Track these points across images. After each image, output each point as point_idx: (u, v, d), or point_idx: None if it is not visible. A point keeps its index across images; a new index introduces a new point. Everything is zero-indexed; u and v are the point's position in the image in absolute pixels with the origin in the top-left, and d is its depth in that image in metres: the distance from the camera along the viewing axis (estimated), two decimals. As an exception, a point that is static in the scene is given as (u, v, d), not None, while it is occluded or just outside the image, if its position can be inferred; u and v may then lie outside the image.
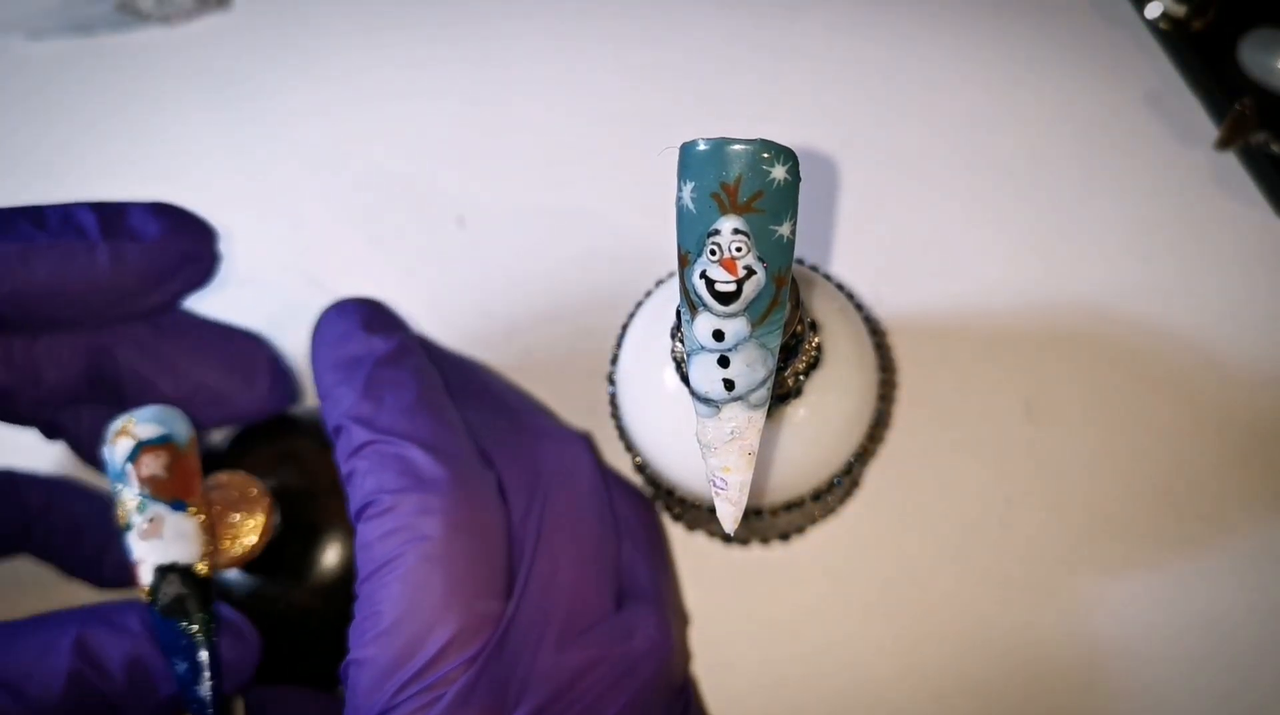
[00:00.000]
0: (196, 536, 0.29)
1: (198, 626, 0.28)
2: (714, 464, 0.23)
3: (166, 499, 0.28)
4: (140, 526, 0.28)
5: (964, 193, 0.39)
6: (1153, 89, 0.40)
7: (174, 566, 0.28)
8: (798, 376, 0.26)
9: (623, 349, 0.31)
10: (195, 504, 0.29)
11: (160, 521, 0.28)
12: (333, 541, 0.32)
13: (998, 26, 0.41)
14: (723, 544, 0.36)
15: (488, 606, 0.27)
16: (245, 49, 0.44)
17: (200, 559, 0.29)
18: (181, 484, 0.29)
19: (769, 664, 0.35)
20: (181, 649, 0.28)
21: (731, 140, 0.20)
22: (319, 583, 0.32)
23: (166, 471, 0.29)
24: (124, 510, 0.28)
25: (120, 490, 0.28)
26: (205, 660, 0.28)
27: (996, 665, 0.34)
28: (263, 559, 0.30)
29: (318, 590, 0.32)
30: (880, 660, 0.34)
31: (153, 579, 0.28)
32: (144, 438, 0.29)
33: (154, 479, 0.28)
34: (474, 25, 0.43)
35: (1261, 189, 0.38)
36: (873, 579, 0.35)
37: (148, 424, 0.29)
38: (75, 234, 0.30)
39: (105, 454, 0.29)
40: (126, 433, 0.28)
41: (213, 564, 0.29)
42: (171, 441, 0.29)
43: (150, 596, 0.28)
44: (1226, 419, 0.36)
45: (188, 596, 0.28)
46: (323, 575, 0.32)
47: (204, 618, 0.28)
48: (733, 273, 0.21)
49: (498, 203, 0.40)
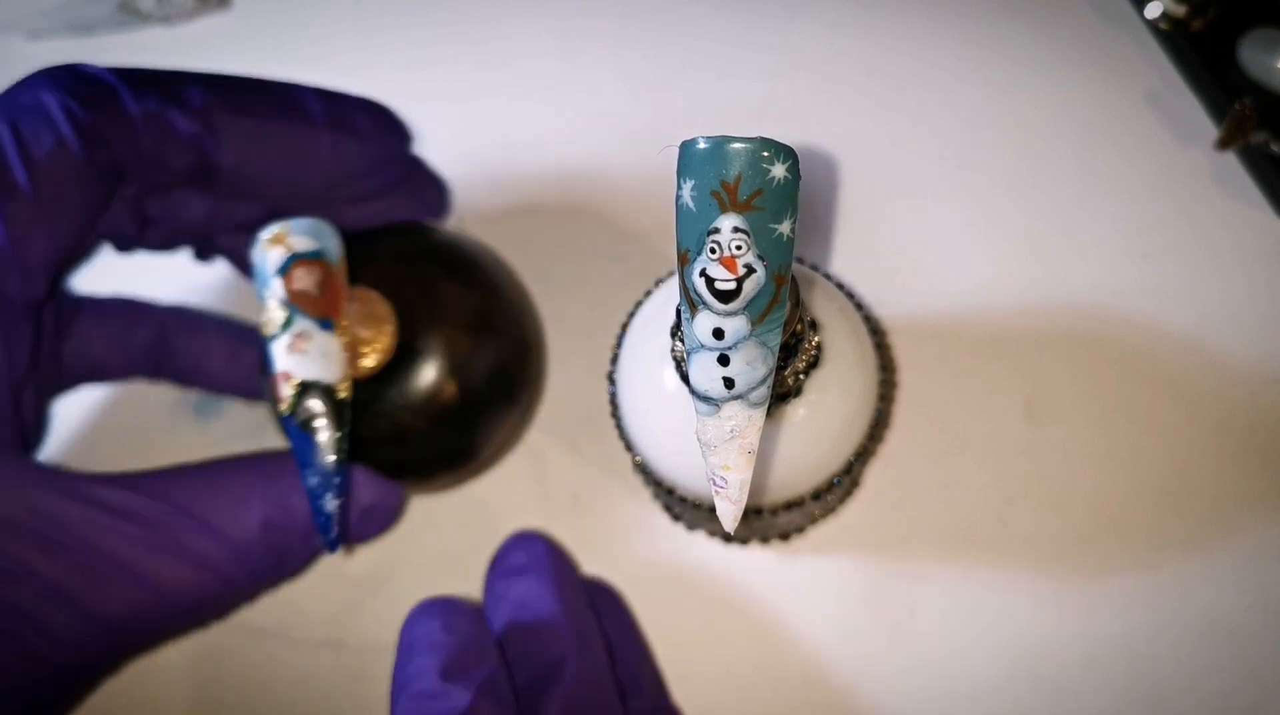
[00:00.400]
0: (339, 357, 0.29)
1: (333, 442, 0.28)
2: (714, 463, 0.23)
3: (315, 316, 0.28)
4: (288, 340, 0.28)
5: (964, 192, 0.39)
6: (1153, 89, 0.40)
7: (317, 384, 0.28)
8: (798, 375, 0.26)
9: (623, 348, 0.31)
10: (341, 325, 0.29)
11: (308, 338, 0.28)
12: (433, 363, 0.32)
13: (997, 26, 0.41)
14: (723, 544, 0.36)
15: None
16: (245, 49, 0.44)
17: (342, 380, 0.29)
18: (330, 303, 0.29)
19: (769, 664, 0.35)
20: (314, 463, 0.28)
21: (731, 138, 0.20)
22: (419, 402, 0.32)
23: (318, 288, 0.28)
24: (271, 321, 0.28)
25: (268, 299, 0.28)
26: (335, 476, 0.28)
27: (996, 665, 0.34)
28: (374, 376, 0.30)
29: (418, 410, 0.32)
30: (880, 660, 0.34)
31: (294, 393, 0.28)
32: (299, 251, 0.28)
33: (305, 294, 0.28)
34: (473, 25, 0.43)
35: (1261, 189, 0.38)
36: (873, 578, 0.35)
37: (303, 236, 0.28)
38: (303, 119, 0.30)
39: (255, 259, 0.28)
40: (281, 242, 0.28)
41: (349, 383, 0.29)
42: (324, 258, 0.29)
43: (289, 410, 0.28)
44: (1226, 419, 0.36)
45: (326, 414, 0.28)
46: (423, 395, 0.32)
47: (339, 436, 0.28)
48: (732, 271, 0.21)
49: (497, 202, 0.40)
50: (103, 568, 0.27)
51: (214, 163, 0.30)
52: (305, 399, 0.28)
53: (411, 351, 0.31)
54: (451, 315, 0.32)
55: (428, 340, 0.32)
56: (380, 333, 0.30)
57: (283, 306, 0.28)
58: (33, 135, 0.27)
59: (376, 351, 0.30)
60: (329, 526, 0.28)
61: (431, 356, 0.32)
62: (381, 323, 0.30)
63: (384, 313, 0.30)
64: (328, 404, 0.28)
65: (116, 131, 0.28)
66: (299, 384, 0.28)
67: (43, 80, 0.28)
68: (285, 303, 0.28)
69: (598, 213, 0.40)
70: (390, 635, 0.35)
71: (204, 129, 0.29)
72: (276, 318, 0.28)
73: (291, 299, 0.28)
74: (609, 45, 0.42)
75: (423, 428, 0.32)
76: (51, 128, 0.27)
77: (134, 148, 0.28)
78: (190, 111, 0.29)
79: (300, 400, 0.28)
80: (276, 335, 0.28)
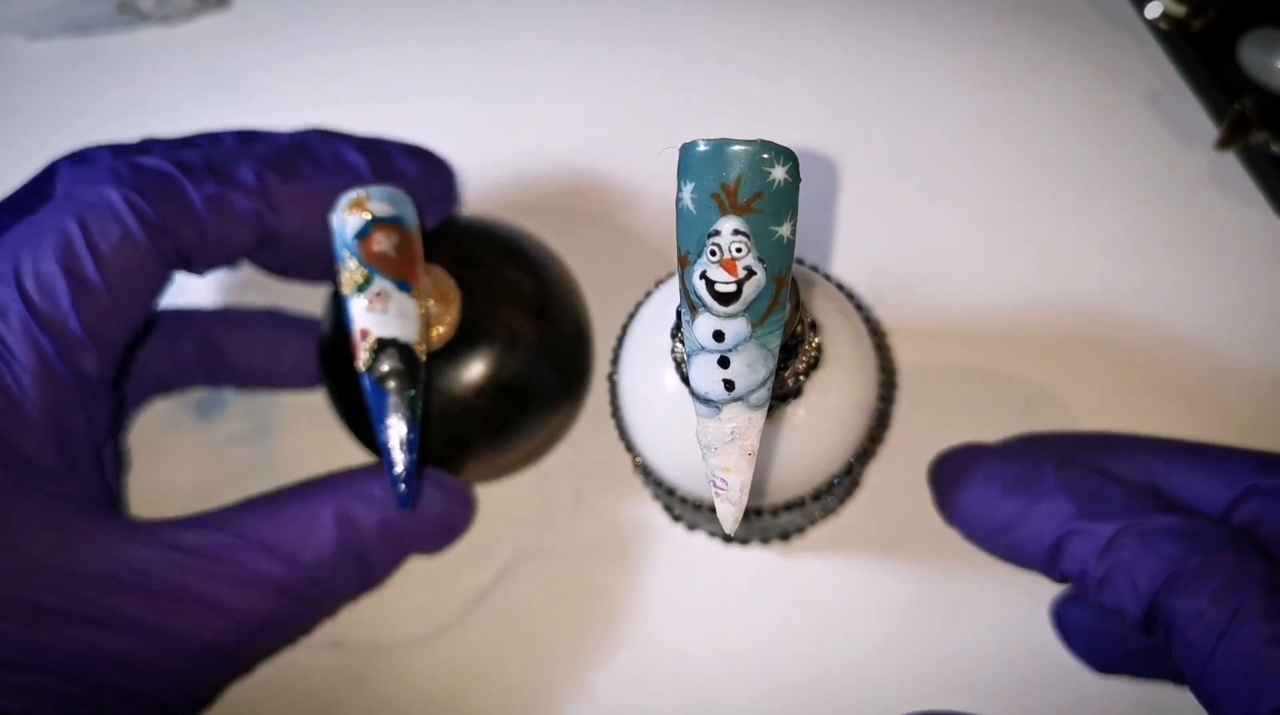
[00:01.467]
0: (416, 317, 0.30)
1: (407, 400, 0.29)
2: (714, 464, 0.23)
3: (393, 277, 0.29)
4: (367, 298, 0.29)
5: (964, 193, 0.39)
6: (1153, 89, 0.40)
7: (395, 342, 0.29)
8: (798, 377, 0.26)
9: (623, 349, 0.31)
10: (417, 288, 0.30)
11: (387, 297, 0.29)
12: (495, 342, 0.32)
13: (998, 26, 0.41)
14: (723, 544, 0.36)
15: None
16: (245, 49, 0.44)
17: (419, 340, 0.30)
18: (407, 266, 0.30)
19: (769, 664, 0.35)
20: (388, 419, 0.29)
21: (732, 141, 0.20)
22: (481, 380, 0.32)
23: (396, 252, 0.29)
24: (350, 279, 0.29)
25: (348, 259, 0.29)
26: (407, 434, 0.29)
27: (997, 665, 0.34)
28: (436, 352, 0.31)
29: (480, 388, 0.32)
30: (880, 660, 0.34)
31: (372, 350, 0.29)
32: (379, 215, 0.29)
33: (383, 257, 0.29)
34: (473, 25, 0.43)
35: (1261, 189, 0.38)
36: (873, 579, 0.35)
37: (382, 202, 0.29)
38: (351, 175, 0.32)
39: (335, 223, 0.29)
40: (361, 207, 0.29)
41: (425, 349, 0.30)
42: (402, 223, 0.30)
43: (367, 366, 0.29)
44: (1226, 419, 0.36)
45: (403, 372, 0.29)
46: (485, 372, 0.32)
47: (414, 394, 0.29)
48: (733, 273, 0.21)
49: (497, 201, 0.40)
50: (190, 605, 0.29)
51: (275, 233, 0.31)
52: (382, 356, 0.29)
53: (475, 329, 0.32)
54: (512, 298, 0.33)
55: (489, 321, 0.32)
56: (449, 306, 0.31)
57: (363, 267, 0.29)
58: (100, 229, 0.29)
59: (445, 323, 0.31)
60: (399, 483, 0.29)
61: (492, 336, 0.32)
62: (449, 297, 0.31)
63: (451, 288, 0.31)
64: (404, 361, 0.29)
65: (181, 219, 0.30)
66: (376, 341, 0.29)
67: (104, 175, 0.29)
68: (366, 265, 0.29)
69: (598, 213, 0.40)
70: (390, 635, 0.35)
71: (262, 204, 0.31)
72: (356, 276, 0.29)
73: (369, 260, 0.29)
74: (609, 46, 0.42)
75: (481, 406, 0.32)
76: (118, 221, 0.29)
77: (199, 233, 0.30)
78: (248, 190, 0.30)
79: (377, 357, 0.29)
80: (356, 294, 0.29)
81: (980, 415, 0.36)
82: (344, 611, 0.36)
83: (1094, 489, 0.29)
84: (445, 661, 0.36)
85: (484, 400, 0.32)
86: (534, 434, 0.35)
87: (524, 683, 0.35)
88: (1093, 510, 0.28)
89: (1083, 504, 0.29)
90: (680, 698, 0.35)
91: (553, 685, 0.35)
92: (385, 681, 0.36)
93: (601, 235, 0.40)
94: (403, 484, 0.29)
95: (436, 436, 0.32)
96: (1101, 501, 0.29)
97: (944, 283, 0.38)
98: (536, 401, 0.34)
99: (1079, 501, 0.29)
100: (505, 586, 0.36)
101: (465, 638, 0.36)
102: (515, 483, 0.37)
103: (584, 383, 0.37)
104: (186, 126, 0.33)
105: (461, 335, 0.32)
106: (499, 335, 0.32)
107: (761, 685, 0.35)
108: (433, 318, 0.31)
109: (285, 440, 0.38)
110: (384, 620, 0.36)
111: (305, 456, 0.38)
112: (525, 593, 0.36)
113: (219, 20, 0.44)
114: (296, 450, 0.38)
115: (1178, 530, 0.27)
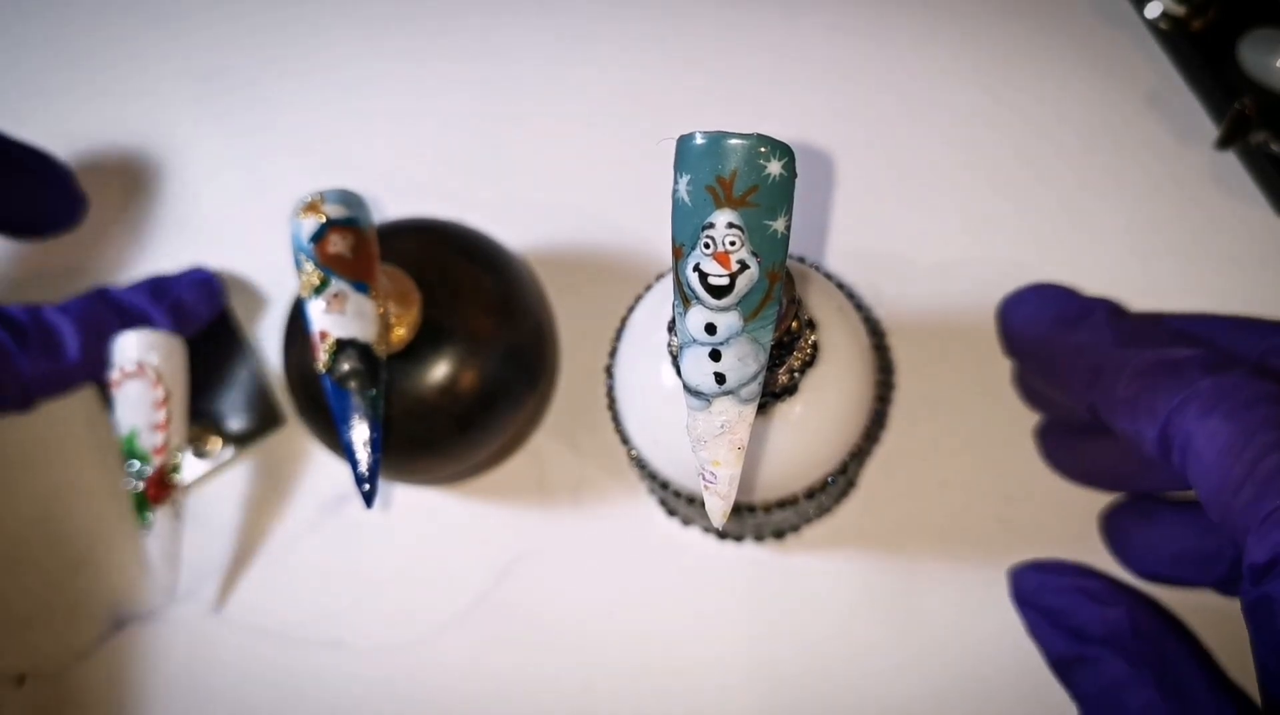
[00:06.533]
0: (374, 318, 0.30)
1: (368, 399, 0.29)
2: (704, 457, 0.23)
3: (350, 278, 0.29)
4: (325, 299, 0.29)
5: (963, 192, 0.39)
6: (1153, 89, 0.40)
7: (354, 343, 0.29)
8: (793, 373, 0.26)
9: (621, 342, 0.31)
10: (374, 289, 0.30)
11: (344, 298, 0.29)
12: (456, 342, 0.33)
13: (997, 26, 0.41)
14: (716, 540, 0.36)
15: None
16: (245, 49, 0.44)
17: (378, 341, 0.30)
18: (364, 267, 0.30)
19: (763, 662, 0.35)
20: (350, 419, 0.29)
21: (728, 134, 0.20)
22: (443, 380, 0.32)
23: (352, 253, 0.29)
24: (307, 282, 0.29)
25: (304, 263, 0.29)
26: (369, 433, 0.29)
27: (995, 665, 0.34)
28: (398, 352, 0.31)
29: (442, 387, 0.32)
30: (875, 660, 0.34)
31: (331, 351, 0.29)
32: (333, 217, 0.29)
33: (339, 258, 0.29)
34: (472, 25, 0.43)
35: (1261, 189, 0.38)
36: (869, 578, 0.35)
37: (337, 205, 0.29)
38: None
39: (292, 227, 0.29)
40: (316, 210, 0.29)
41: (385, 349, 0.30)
42: (357, 225, 0.30)
43: (327, 367, 0.29)
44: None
45: (363, 373, 0.29)
46: (447, 373, 0.32)
47: (374, 394, 0.29)
48: (726, 266, 0.21)
49: (497, 199, 0.40)
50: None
51: None
52: (341, 356, 0.29)
53: (435, 330, 0.32)
54: (472, 298, 0.33)
55: (451, 320, 0.33)
56: (408, 307, 0.31)
57: (319, 271, 0.29)
58: None
59: (405, 324, 0.31)
60: (363, 482, 0.29)
61: (454, 336, 0.33)
62: (409, 298, 0.31)
63: (411, 288, 0.31)
64: (364, 362, 0.29)
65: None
66: (335, 342, 0.29)
67: None
68: (322, 268, 0.29)
69: (597, 208, 0.40)
70: (390, 635, 0.35)
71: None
72: (313, 279, 0.29)
73: (326, 262, 0.29)
74: (608, 43, 0.42)
75: (445, 405, 0.33)
76: None
77: None
78: None
79: (337, 358, 0.29)
80: (313, 296, 0.29)
81: (979, 415, 0.36)
82: (344, 612, 0.36)
83: (1136, 327, 0.32)
84: (445, 661, 0.36)
85: (447, 399, 0.32)
86: (499, 432, 0.34)
87: (523, 682, 0.35)
88: (1129, 341, 0.31)
89: (1122, 336, 0.31)
90: (676, 693, 0.34)
91: (552, 684, 0.35)
92: (385, 681, 0.36)
93: (600, 230, 0.40)
94: (366, 483, 0.29)
95: (402, 436, 0.32)
96: (1139, 337, 0.31)
97: (943, 281, 0.38)
98: (500, 400, 0.34)
99: (1119, 334, 0.31)
100: (505, 586, 0.36)
101: (465, 638, 0.36)
102: (515, 482, 0.37)
103: (548, 380, 0.37)
104: (187, 126, 0.32)
105: (423, 335, 0.32)
106: (460, 335, 0.33)
107: (756, 681, 0.35)
108: (393, 318, 0.31)
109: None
110: (384, 620, 0.36)
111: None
112: (525, 592, 0.36)
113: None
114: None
115: (1200, 359, 0.28)
